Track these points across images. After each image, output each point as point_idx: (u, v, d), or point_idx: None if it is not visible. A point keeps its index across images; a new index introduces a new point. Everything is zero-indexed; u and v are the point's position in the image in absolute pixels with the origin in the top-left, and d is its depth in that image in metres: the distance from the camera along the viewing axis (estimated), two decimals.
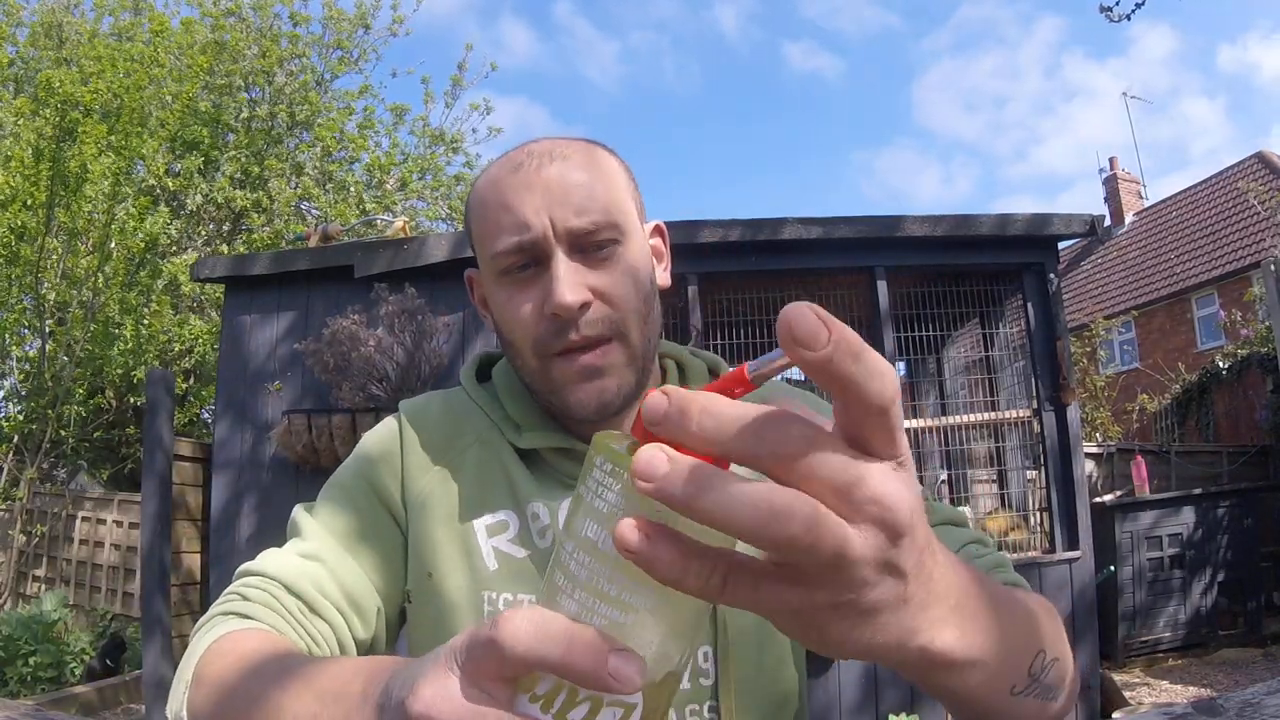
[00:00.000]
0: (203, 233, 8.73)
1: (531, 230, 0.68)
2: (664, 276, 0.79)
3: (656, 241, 0.79)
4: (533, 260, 0.70)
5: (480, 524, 0.73)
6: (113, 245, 6.48)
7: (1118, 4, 4.53)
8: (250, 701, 0.51)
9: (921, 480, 4.92)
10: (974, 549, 0.71)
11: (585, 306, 0.69)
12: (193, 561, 3.97)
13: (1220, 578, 5.02)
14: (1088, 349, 8.61)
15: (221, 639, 0.61)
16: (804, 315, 0.29)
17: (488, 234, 0.71)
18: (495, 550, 0.72)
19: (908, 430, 3.96)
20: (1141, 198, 16.87)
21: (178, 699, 0.58)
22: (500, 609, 0.70)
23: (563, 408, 0.72)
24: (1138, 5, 4.49)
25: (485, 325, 0.80)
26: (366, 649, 0.72)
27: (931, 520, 0.72)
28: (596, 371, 0.70)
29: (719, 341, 3.96)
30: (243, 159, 8.59)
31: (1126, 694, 4.14)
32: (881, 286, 3.89)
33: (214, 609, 0.67)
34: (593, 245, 0.70)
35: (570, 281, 0.68)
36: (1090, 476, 5.54)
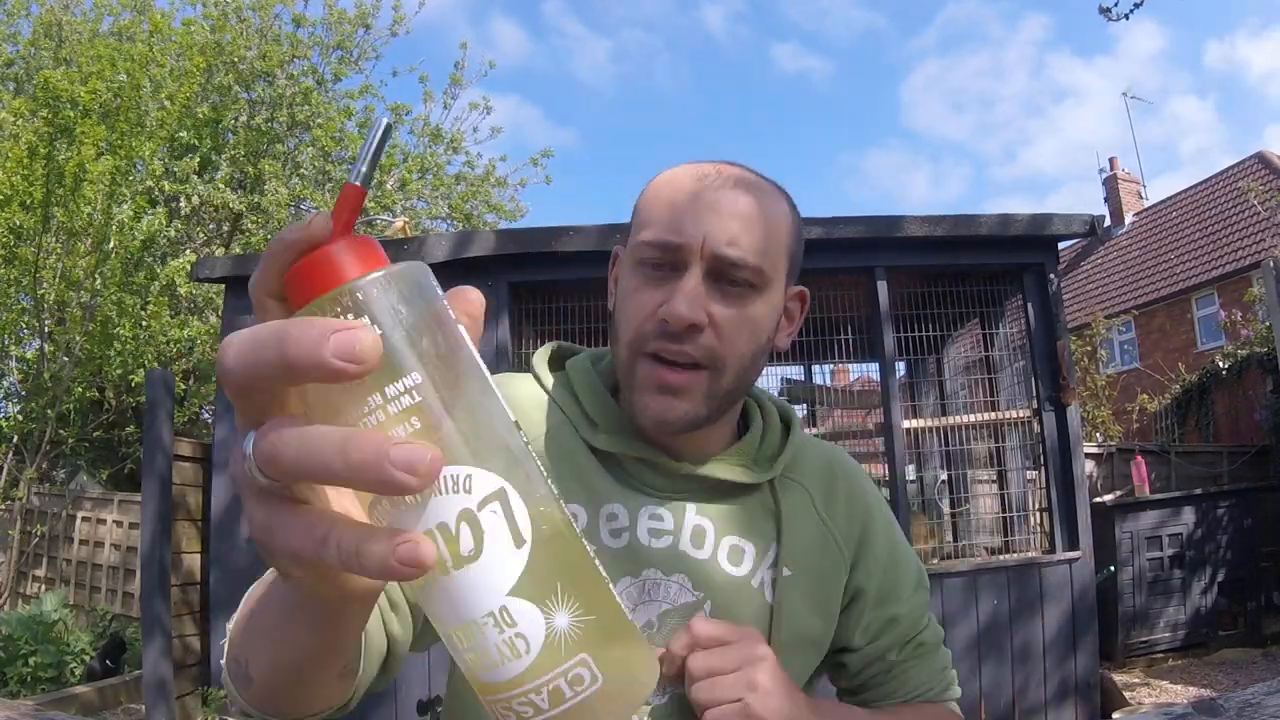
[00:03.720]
0: (201, 234, 8.72)
1: (682, 237, 0.70)
2: (785, 340, 0.80)
3: (793, 305, 0.81)
4: (669, 265, 0.71)
5: None
6: (111, 245, 6.48)
7: (1116, 4, 4.53)
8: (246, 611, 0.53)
9: (921, 481, 4.93)
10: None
11: (696, 328, 0.69)
12: (193, 561, 3.96)
13: (1220, 578, 5.02)
14: (1088, 349, 8.60)
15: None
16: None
17: (645, 221, 0.73)
18: None
19: (908, 430, 3.96)
20: (1141, 198, 16.87)
21: (226, 677, 0.58)
22: None
23: (630, 406, 0.73)
24: (1136, 5, 4.48)
25: (608, 302, 0.81)
26: (409, 614, 0.69)
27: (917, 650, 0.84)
28: (673, 389, 0.71)
29: None
30: (240, 160, 8.58)
31: (1127, 694, 4.14)
32: (881, 286, 3.89)
33: None
34: (729, 278, 0.70)
35: (694, 298, 0.68)
36: (1090, 476, 5.54)
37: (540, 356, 0.85)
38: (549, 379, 0.81)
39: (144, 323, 6.83)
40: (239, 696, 0.55)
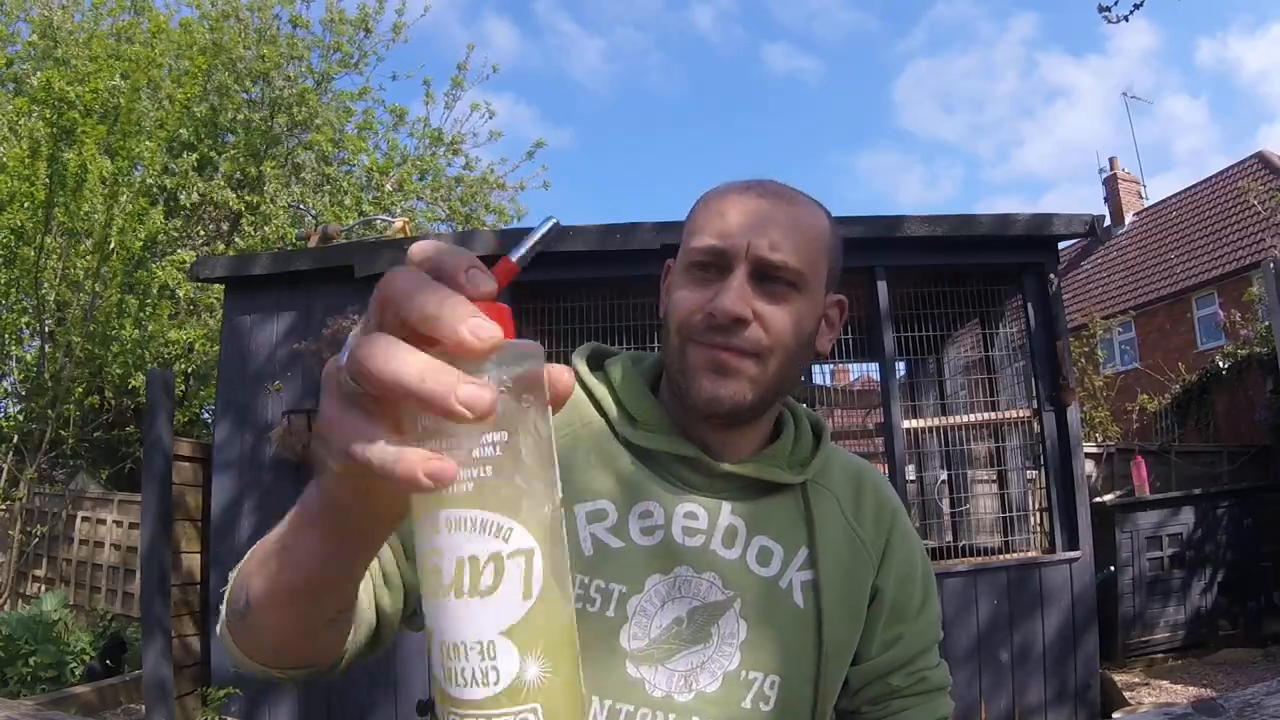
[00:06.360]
0: (201, 232, 8.71)
1: (729, 241, 0.75)
2: (825, 343, 0.84)
3: (833, 312, 0.84)
4: (717, 267, 0.75)
5: (581, 509, 0.76)
6: (112, 245, 6.47)
7: (1115, 5, 4.52)
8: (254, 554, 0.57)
9: (921, 481, 4.93)
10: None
11: (743, 322, 0.73)
12: (193, 561, 3.96)
13: (1220, 578, 5.02)
14: (1087, 349, 8.59)
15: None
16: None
17: (696, 228, 0.78)
18: (593, 536, 0.76)
19: (908, 430, 3.96)
20: (1141, 198, 16.87)
21: (221, 618, 0.60)
22: (591, 595, 0.74)
23: (686, 392, 0.76)
24: (1136, 6, 4.47)
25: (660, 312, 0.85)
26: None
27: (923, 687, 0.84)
28: (725, 368, 0.74)
29: None
30: (241, 160, 8.57)
31: (1127, 694, 4.14)
32: (881, 286, 3.89)
33: None
34: (771, 279, 0.75)
35: (740, 294, 0.73)
36: (1090, 476, 5.53)
37: (579, 354, 0.87)
38: (589, 377, 0.83)
39: (144, 324, 6.82)
40: (233, 643, 0.58)
